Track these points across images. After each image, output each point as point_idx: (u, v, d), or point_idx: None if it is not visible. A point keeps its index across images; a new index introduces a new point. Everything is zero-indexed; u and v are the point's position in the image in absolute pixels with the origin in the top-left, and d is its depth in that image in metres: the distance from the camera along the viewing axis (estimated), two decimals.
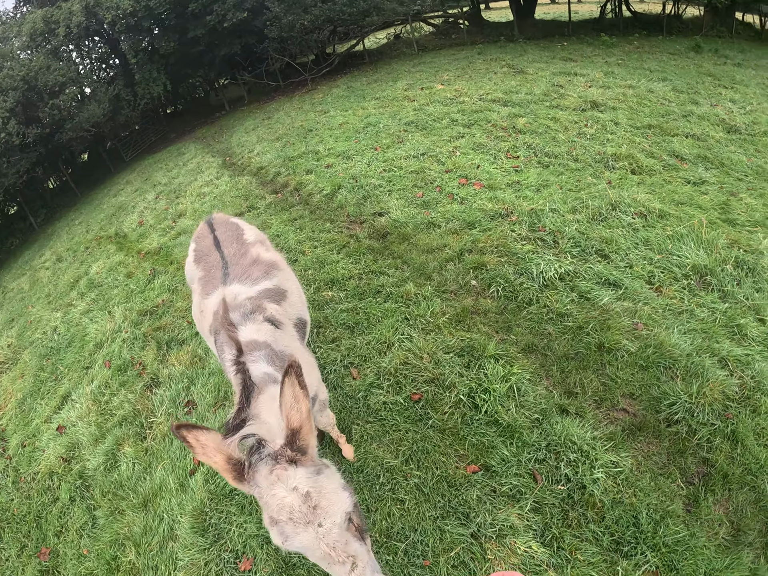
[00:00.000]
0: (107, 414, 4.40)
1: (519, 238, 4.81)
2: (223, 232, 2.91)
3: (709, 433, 3.25)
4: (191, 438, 1.54)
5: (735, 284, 4.19)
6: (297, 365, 1.55)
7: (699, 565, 2.76)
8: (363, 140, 8.32)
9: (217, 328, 2.29)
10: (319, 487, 1.51)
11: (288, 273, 2.80)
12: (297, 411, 1.57)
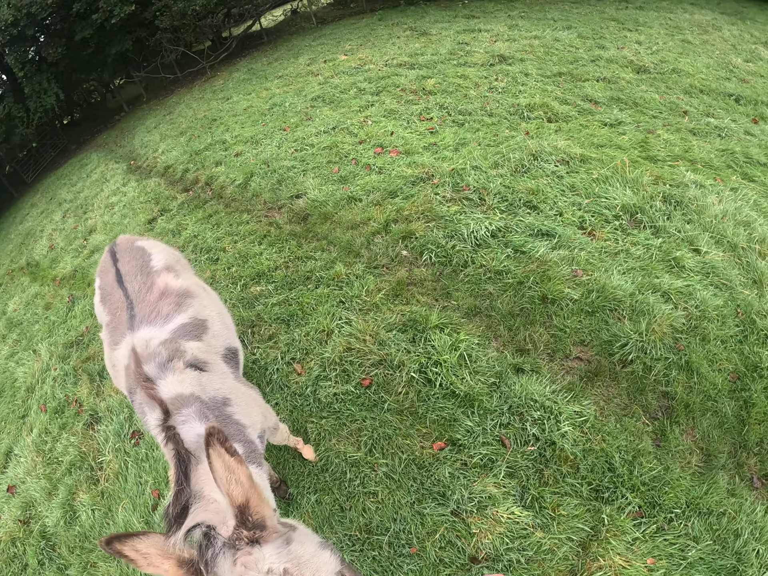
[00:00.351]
0: (54, 463, 4.00)
1: (444, 200, 4.66)
2: (126, 263, 2.50)
3: (664, 367, 3.28)
4: (128, 551, 1.27)
5: (666, 219, 4.23)
6: (216, 431, 1.32)
7: (679, 497, 2.80)
8: (270, 122, 7.93)
9: (132, 386, 1.97)
10: (296, 559, 1.27)
11: (205, 298, 2.44)
12: (236, 483, 1.31)
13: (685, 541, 2.67)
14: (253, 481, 1.35)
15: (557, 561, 2.59)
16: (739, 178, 5.17)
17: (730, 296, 3.75)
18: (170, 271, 2.46)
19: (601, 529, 2.68)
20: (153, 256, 2.55)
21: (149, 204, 7.32)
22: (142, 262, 2.49)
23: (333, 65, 9.66)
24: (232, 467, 1.31)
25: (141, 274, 2.40)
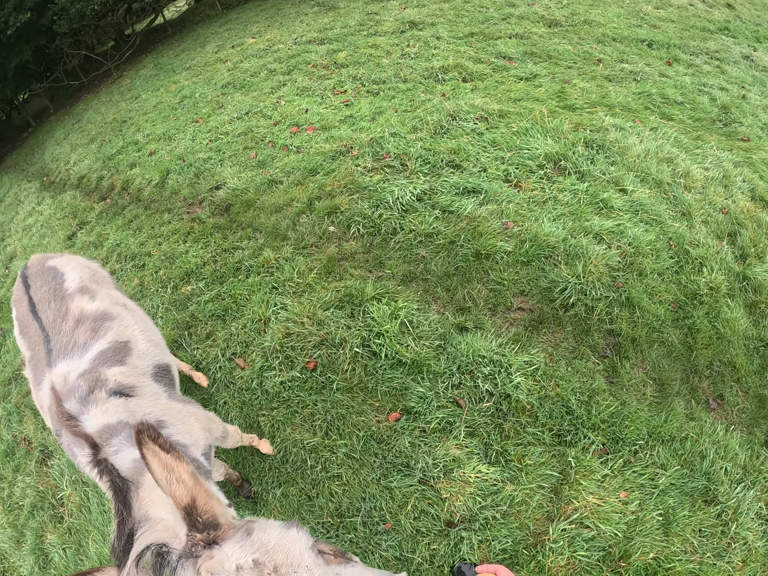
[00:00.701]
0: (16, 509, 3.73)
1: (366, 170, 4.53)
2: (39, 288, 2.27)
3: (605, 306, 3.31)
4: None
5: (589, 163, 4.26)
6: (146, 427, 1.18)
7: (640, 429, 2.88)
8: (181, 116, 7.58)
9: (57, 427, 1.78)
10: (263, 546, 1.14)
11: (126, 317, 2.23)
12: (178, 482, 1.18)
13: (654, 470, 2.74)
14: (197, 478, 1.21)
15: (532, 510, 2.62)
16: (658, 117, 5.29)
17: (661, 230, 3.82)
18: (85, 292, 2.25)
19: (569, 472, 2.71)
20: (66, 276, 2.34)
21: (67, 219, 6.89)
22: (54, 286, 2.27)
23: (241, 50, 9.31)
24: (170, 465, 1.18)
25: (54, 299, 2.19)
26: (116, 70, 15.04)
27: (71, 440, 1.70)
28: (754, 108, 6.03)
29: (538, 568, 2.48)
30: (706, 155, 4.74)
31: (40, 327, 2.08)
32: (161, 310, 4.14)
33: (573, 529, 2.55)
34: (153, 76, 11.23)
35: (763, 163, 4.95)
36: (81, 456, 1.65)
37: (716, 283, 3.55)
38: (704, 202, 4.18)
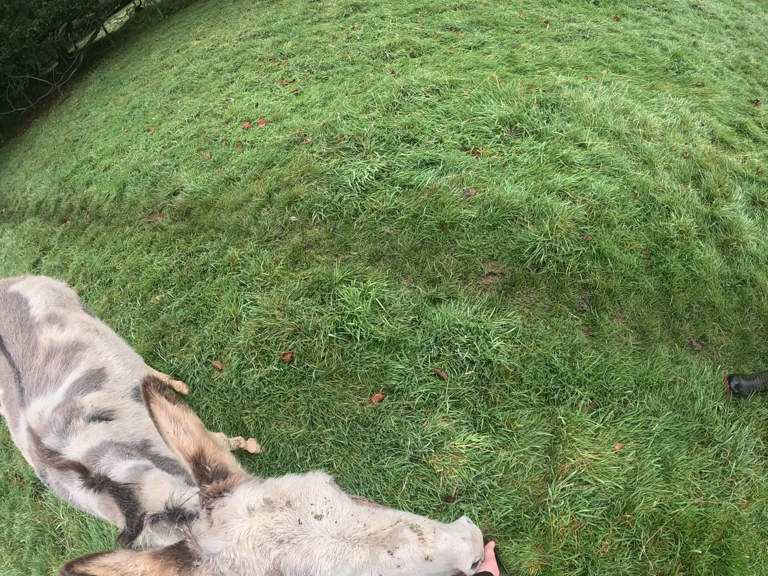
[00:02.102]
0: (17, 548, 3.63)
1: (321, 156, 4.46)
2: (3, 318, 2.12)
3: (577, 260, 3.31)
4: (94, 569, 1.03)
5: (545, 122, 4.23)
6: (151, 380, 1.19)
7: (627, 378, 2.88)
8: (132, 126, 7.43)
9: (41, 467, 1.69)
10: (275, 489, 1.12)
11: (98, 343, 2.11)
12: (185, 433, 1.17)
13: (646, 418, 2.75)
14: (204, 429, 1.22)
15: (529, 473, 2.60)
16: (610, 72, 5.31)
17: (625, 180, 3.82)
18: (53, 321, 2.11)
19: (561, 430, 2.69)
20: (30, 303, 2.19)
21: (30, 247, 6.72)
22: (20, 314, 2.13)
23: (186, 53, 9.15)
24: (177, 416, 1.19)
25: (22, 331, 2.05)
26: (63, 90, 14.70)
27: (58, 476, 1.62)
28: (705, 54, 6.09)
29: (543, 532, 2.46)
30: (662, 103, 4.75)
31: (10, 363, 1.97)
32: (133, 324, 4.04)
33: (573, 488, 2.54)
34: (100, 91, 11.01)
35: (720, 105, 4.99)
36: (73, 488, 1.56)
37: (686, 227, 3.55)
38: (665, 149, 4.18)
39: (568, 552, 2.41)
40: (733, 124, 4.76)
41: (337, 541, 1.05)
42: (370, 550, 1.06)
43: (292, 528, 1.06)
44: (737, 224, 3.67)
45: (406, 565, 1.06)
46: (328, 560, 1.04)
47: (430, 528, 1.10)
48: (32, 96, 15.91)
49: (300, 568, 1.04)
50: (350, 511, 1.10)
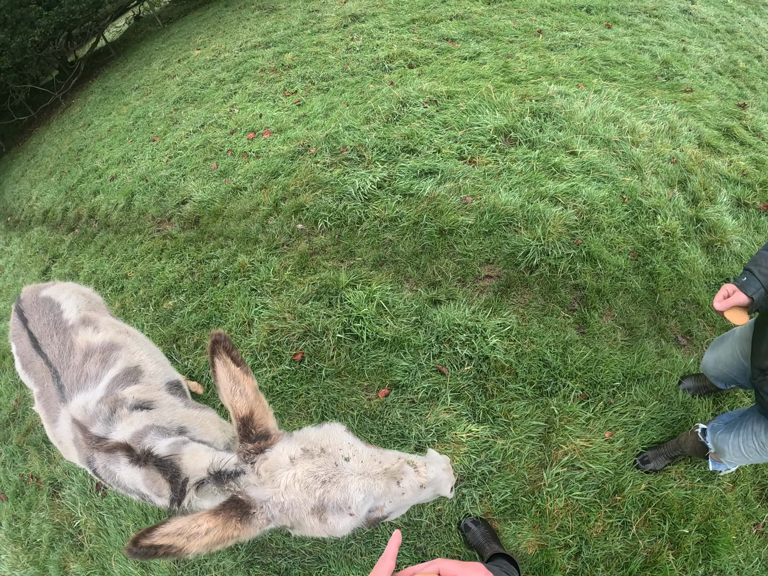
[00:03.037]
0: (34, 547, 3.72)
1: (325, 166, 4.63)
2: (37, 321, 2.25)
3: (568, 262, 3.48)
4: (160, 539, 1.15)
5: (538, 131, 4.38)
6: (223, 338, 1.30)
7: (615, 371, 3.04)
8: (137, 136, 7.55)
9: (88, 454, 1.83)
10: (306, 439, 1.30)
11: (131, 344, 2.25)
12: (241, 395, 1.30)
13: (634, 408, 2.91)
14: (258, 393, 1.34)
15: (525, 460, 2.78)
16: (601, 80, 5.41)
17: (614, 186, 3.97)
18: (87, 324, 2.25)
19: (554, 420, 2.87)
20: (63, 306, 2.33)
21: (38, 255, 6.82)
22: (53, 318, 2.26)
23: (188, 63, 9.28)
24: (237, 377, 1.30)
25: (57, 333, 2.19)
26: (64, 99, 14.81)
27: (105, 459, 1.74)
28: (695, 59, 6.18)
29: (539, 513, 2.64)
30: (650, 110, 4.88)
31: (46, 362, 2.08)
32: (146, 328, 4.15)
33: (566, 472, 2.72)
34: (102, 100, 11.11)
35: (708, 110, 5.12)
36: (120, 466, 1.68)
37: (671, 229, 3.71)
38: (653, 155, 4.33)
39: (563, 532, 2.59)
40: (720, 128, 4.89)
41: (363, 477, 1.25)
42: (386, 482, 1.27)
43: (331, 470, 1.23)
44: (721, 225, 3.82)
45: (407, 493, 1.29)
46: (359, 493, 1.23)
47: (421, 462, 1.34)
48: (33, 105, 15.99)
49: (340, 501, 1.22)
50: (369, 453, 1.30)
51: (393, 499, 1.30)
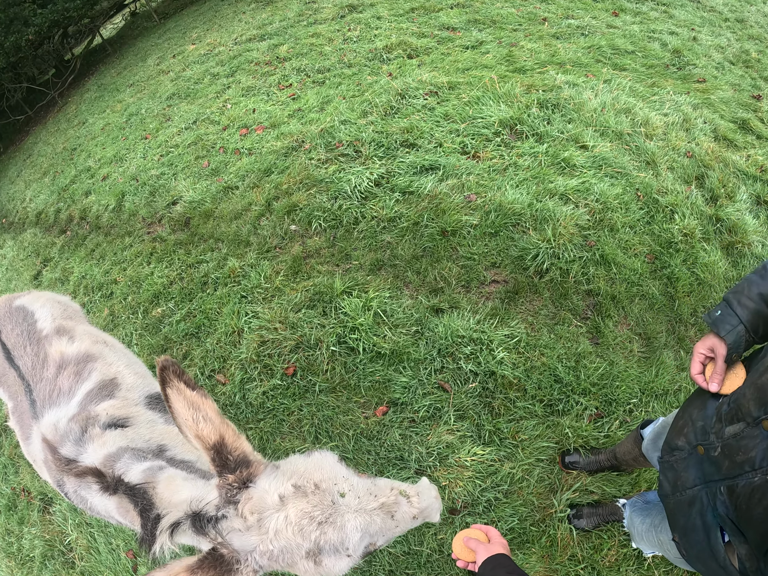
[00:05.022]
0: (27, 562, 3.61)
1: (320, 163, 4.40)
2: (10, 331, 2.12)
3: (580, 266, 3.26)
4: None
5: (546, 124, 4.17)
6: (170, 363, 1.17)
7: (632, 387, 2.83)
8: (130, 134, 7.38)
9: (58, 476, 1.69)
10: (295, 473, 1.17)
11: (108, 354, 2.12)
12: (205, 421, 1.16)
13: None
14: (222, 416, 1.22)
15: (534, 485, 2.58)
16: (610, 69, 5.24)
17: (627, 182, 3.77)
18: (62, 334, 2.12)
19: (565, 441, 2.66)
20: (37, 315, 2.20)
21: (31, 258, 6.69)
22: (27, 327, 2.13)
23: (182, 58, 9.09)
24: (196, 402, 1.17)
25: (30, 344, 2.05)
26: (61, 97, 14.67)
27: (76, 484, 1.60)
28: (706, 48, 6.01)
29: (549, 542, 2.45)
30: (663, 101, 4.69)
31: (19, 375, 1.96)
32: (135, 337, 4.01)
33: (578, 497, 2.52)
34: (98, 98, 10.98)
35: (722, 102, 4.93)
36: (91, 493, 1.55)
37: (690, 229, 3.50)
38: (668, 149, 4.13)
39: (573, 562, 2.40)
40: (735, 121, 4.70)
41: (360, 514, 1.16)
42: (382, 517, 1.19)
43: (327, 509, 1.12)
44: (742, 225, 3.62)
45: (401, 525, 1.23)
46: (356, 532, 1.14)
47: (414, 492, 1.28)
48: (30, 104, 15.86)
49: (337, 543, 1.12)
50: (364, 486, 1.21)
51: (386, 533, 1.23)
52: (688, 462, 1.31)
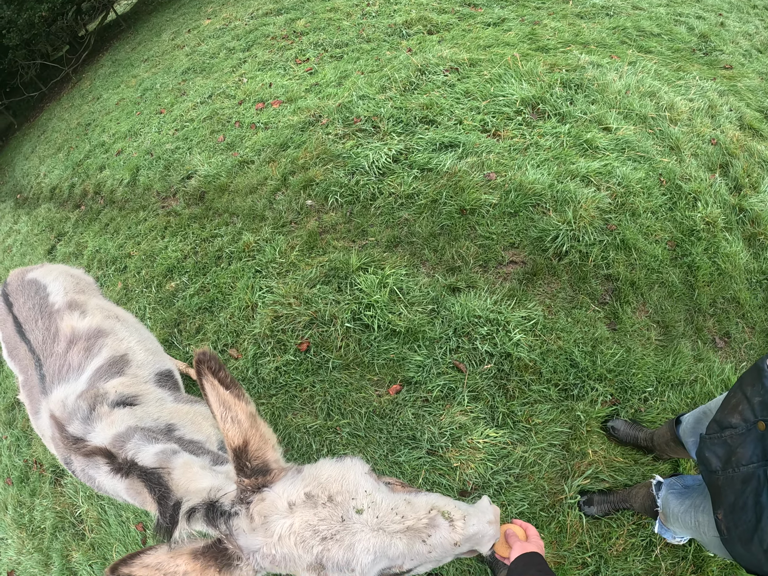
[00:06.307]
0: (38, 533, 3.64)
1: (337, 138, 4.34)
2: (22, 305, 2.10)
3: (600, 250, 3.18)
4: (138, 570, 1.06)
5: (569, 104, 4.08)
6: (208, 357, 1.13)
7: (648, 375, 2.76)
8: (144, 109, 7.33)
9: (66, 455, 1.67)
10: (315, 480, 1.11)
11: (120, 330, 2.09)
12: (233, 422, 1.13)
13: (665, 416, 2.65)
14: (255, 419, 1.18)
15: (546, 470, 2.55)
16: (635, 51, 5.12)
17: (650, 167, 3.68)
18: (74, 308, 2.09)
19: (579, 426, 2.62)
20: (49, 289, 2.17)
21: (45, 233, 6.71)
22: (39, 301, 2.11)
23: (198, 33, 8.98)
24: (228, 402, 1.14)
25: (42, 317, 2.03)
26: (75, 73, 14.62)
27: (84, 463, 1.59)
28: (733, 35, 5.86)
29: (558, 528, 2.42)
30: (689, 86, 4.58)
31: (30, 349, 1.95)
32: (149, 311, 4.01)
33: (589, 485, 2.49)
34: (112, 73, 10.91)
35: (749, 90, 4.81)
36: (100, 474, 1.54)
37: (712, 218, 3.42)
38: (692, 135, 4.03)
39: (581, 550, 2.38)
40: (762, 110, 4.58)
41: (377, 534, 1.06)
42: (407, 541, 1.07)
43: (335, 525, 1.05)
44: (765, 217, 3.54)
45: (436, 550, 1.09)
46: (368, 554, 1.05)
47: (460, 515, 1.12)
48: (44, 81, 15.83)
49: (342, 562, 1.05)
50: (389, 504, 1.10)
51: (416, 558, 1.10)
52: (745, 438, 1.28)
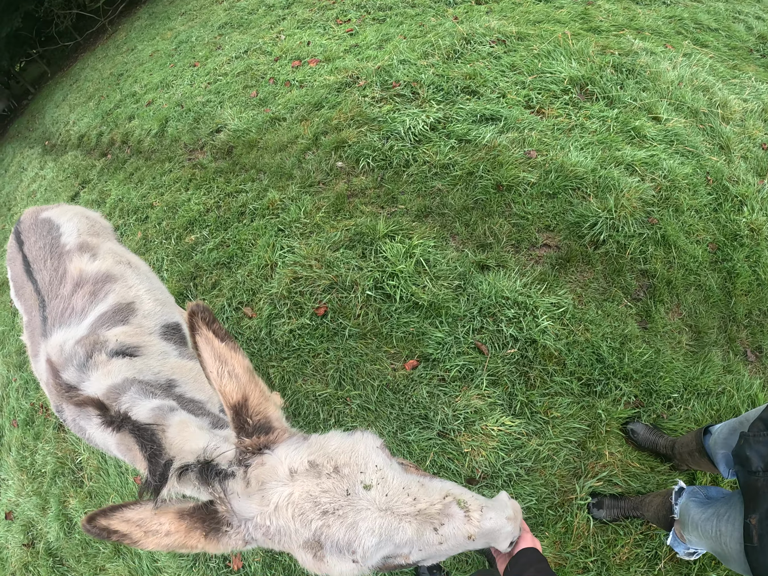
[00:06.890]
0: (38, 477, 3.65)
1: (374, 101, 4.20)
2: (33, 244, 2.01)
3: (639, 243, 3.02)
4: (117, 524, 0.97)
5: (619, 88, 3.90)
6: (201, 309, 1.05)
7: (675, 380, 2.62)
8: (178, 61, 7.26)
9: (57, 402, 1.61)
10: (321, 449, 1.01)
11: (129, 276, 1.99)
12: (230, 377, 1.04)
13: (688, 426, 2.52)
14: (252, 374, 1.09)
15: (558, 466, 2.44)
16: (691, 43, 4.89)
17: (698, 163, 3.50)
18: (84, 250, 2.00)
19: (598, 425, 2.50)
20: (62, 229, 2.08)
21: (70, 180, 6.70)
22: (50, 241, 2.02)
23: None
24: (223, 356, 1.05)
25: (51, 257, 1.95)
26: (111, 25, 14.54)
27: (75, 413, 1.52)
28: None
29: (564, 529, 2.33)
30: (744, 86, 4.36)
31: (35, 289, 1.87)
32: (166, 263, 3.98)
33: (601, 487, 2.38)
34: (148, 25, 10.84)
35: None
36: (90, 426, 1.47)
37: (757, 225, 3.23)
38: (743, 136, 3.83)
39: (585, 554, 2.28)
40: None
41: (384, 515, 0.95)
42: (417, 526, 0.96)
43: (338, 498, 0.95)
44: None
45: (448, 542, 0.98)
46: (372, 536, 0.94)
47: (477, 506, 1.01)
48: (79, 31, 15.76)
49: (342, 542, 0.94)
50: (401, 483, 0.99)
51: (424, 548, 0.99)
52: None
